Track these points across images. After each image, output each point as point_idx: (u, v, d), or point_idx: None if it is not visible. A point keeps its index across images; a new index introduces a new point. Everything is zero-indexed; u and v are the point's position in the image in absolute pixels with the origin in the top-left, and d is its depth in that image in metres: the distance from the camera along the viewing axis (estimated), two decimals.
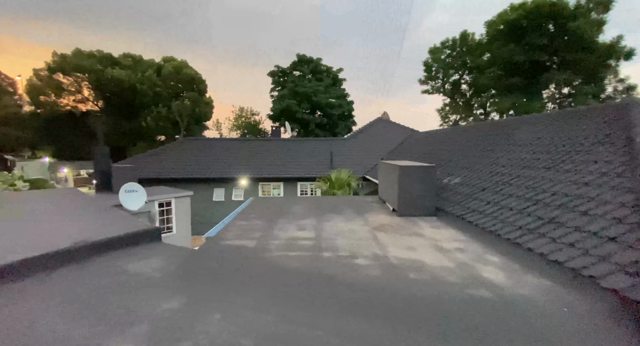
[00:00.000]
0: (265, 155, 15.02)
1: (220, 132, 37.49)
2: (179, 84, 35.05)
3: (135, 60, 34.67)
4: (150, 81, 32.75)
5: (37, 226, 4.18)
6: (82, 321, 2.06)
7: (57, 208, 5.51)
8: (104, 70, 32.11)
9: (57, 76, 32.69)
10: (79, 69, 32.07)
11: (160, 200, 8.60)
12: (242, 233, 4.12)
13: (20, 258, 2.86)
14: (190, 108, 34.10)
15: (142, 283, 2.71)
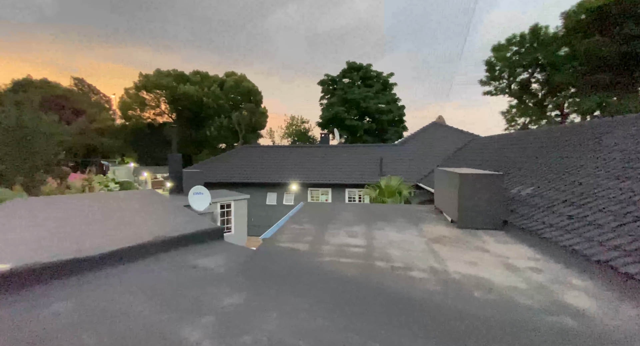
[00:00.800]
0: (314, 161, 15.41)
1: (273, 139, 39.71)
2: (238, 97, 38.30)
3: (202, 76, 38.96)
4: (214, 95, 36.42)
5: (126, 221, 4.89)
6: (159, 307, 2.34)
7: (140, 207, 6.39)
8: (177, 86, 36.79)
9: (141, 93, 38.50)
10: (158, 86, 37.27)
11: (221, 202, 9.42)
12: (295, 237, 4.26)
13: (115, 248, 3.38)
14: (247, 118, 36.89)
15: (208, 278, 2.97)
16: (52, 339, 1.91)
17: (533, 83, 27.91)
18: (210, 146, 38.61)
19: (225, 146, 39.45)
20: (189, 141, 38.08)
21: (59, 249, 3.21)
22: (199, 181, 10.20)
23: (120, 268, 3.22)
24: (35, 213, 5.22)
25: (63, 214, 5.17)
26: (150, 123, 40.44)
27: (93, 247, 3.32)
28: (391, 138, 32.69)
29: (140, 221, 4.98)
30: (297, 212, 6.13)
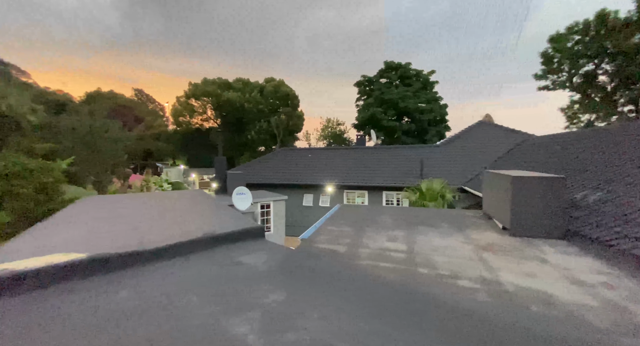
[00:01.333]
0: (350, 163, 15.32)
1: (309, 142, 40.43)
2: (277, 101, 39.71)
3: (244, 83, 41.11)
4: (255, 100, 38.20)
5: (179, 218, 5.32)
6: (208, 300, 2.49)
7: (190, 205, 6.90)
8: (221, 93, 39.29)
9: (190, 101, 41.80)
10: (205, 94, 40.15)
11: (261, 202, 9.81)
12: (333, 238, 4.26)
13: (170, 243, 3.68)
14: (285, 122, 38.03)
15: (252, 274, 3.10)
16: (118, 323, 2.14)
17: (600, 75, 24.64)
18: (251, 149, 40.51)
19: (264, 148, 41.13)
20: (232, 144, 40.39)
21: (123, 242, 3.60)
22: (241, 182, 10.73)
23: (174, 261, 3.50)
24: (103, 209, 5.93)
25: (126, 211, 5.79)
26: (198, 128, 43.73)
27: (151, 242, 3.65)
28: (432, 139, 31.21)
29: (191, 219, 5.38)
30: (334, 214, 6.14)
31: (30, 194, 9.08)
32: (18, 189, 8.91)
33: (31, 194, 9.11)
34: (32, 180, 9.35)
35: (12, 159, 9.31)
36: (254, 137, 37.89)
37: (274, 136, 37.99)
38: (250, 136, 38.20)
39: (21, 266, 2.79)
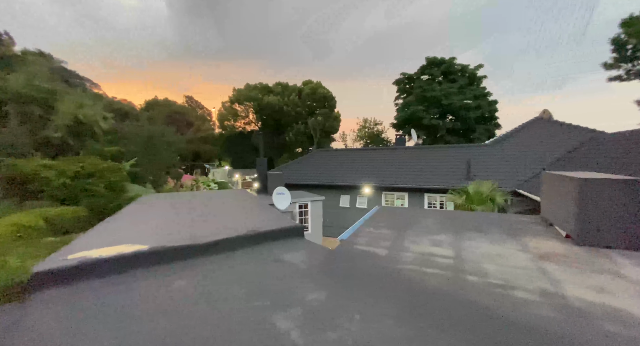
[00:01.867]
0: (389, 164, 14.90)
1: (345, 143, 40.29)
2: (314, 103, 40.29)
3: (283, 86, 42.43)
4: (293, 103, 39.20)
5: (225, 216, 5.65)
6: (253, 294, 2.60)
7: (236, 204, 7.30)
8: (262, 97, 41.03)
9: (234, 106, 44.34)
10: (247, 98, 42.27)
11: (300, 202, 10.03)
12: (372, 240, 4.19)
13: (218, 238, 3.93)
14: (322, 123, 38.39)
15: (293, 272, 3.18)
16: (176, 309, 2.35)
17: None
18: (289, 150, 41.66)
19: (301, 150, 42.01)
20: (271, 145, 41.97)
21: (178, 236, 3.94)
22: (280, 182, 11.07)
23: (222, 255, 3.74)
24: (160, 206, 6.55)
25: (179, 208, 6.33)
26: (241, 131, 46.23)
27: (201, 236, 3.94)
28: (480, 138, 29.06)
29: (236, 216, 5.70)
30: (373, 216, 6.02)
31: (101, 191, 10.38)
32: (92, 187, 10.25)
33: (102, 192, 10.42)
34: (103, 179, 10.70)
35: (89, 161, 10.74)
36: (291, 139, 38.91)
37: (311, 137, 38.59)
38: (288, 138, 39.30)
39: (96, 254, 3.21)
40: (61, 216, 8.26)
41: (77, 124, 13.04)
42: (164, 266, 3.33)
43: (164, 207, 6.39)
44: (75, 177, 10.13)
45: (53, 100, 13.01)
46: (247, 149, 43.77)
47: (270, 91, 41.96)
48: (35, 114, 12.68)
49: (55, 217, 7.99)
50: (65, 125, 12.70)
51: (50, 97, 12.99)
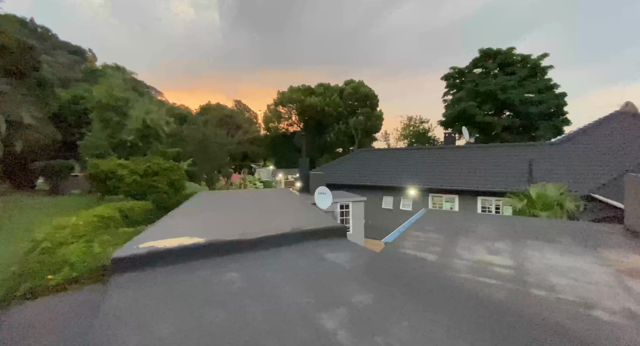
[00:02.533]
0: (437, 164, 14.06)
1: (388, 142, 39.15)
2: (356, 103, 39.91)
3: (325, 87, 42.83)
4: (335, 103, 39.33)
5: (271, 213, 5.88)
6: (299, 290, 2.66)
7: (280, 202, 7.56)
8: (304, 99, 41.93)
9: (278, 108, 46.05)
10: (291, 100, 43.57)
11: (341, 202, 10.02)
12: (420, 245, 3.99)
13: (266, 235, 4.10)
14: (363, 123, 37.85)
15: (338, 272, 3.18)
16: (229, 298, 2.51)
17: None
18: (329, 151, 41.90)
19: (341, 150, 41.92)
20: (312, 146, 42.70)
21: (229, 231, 4.21)
22: (322, 182, 11.18)
23: (270, 251, 3.90)
24: (214, 202, 7.07)
25: (230, 205, 6.77)
26: (285, 132, 47.86)
27: (250, 233, 4.16)
28: (544, 135, 25.88)
29: (281, 214, 5.90)
30: (420, 219, 5.74)
31: (164, 188, 11.60)
32: (157, 184, 11.50)
33: (165, 188, 11.63)
34: (165, 177, 11.94)
35: (154, 160, 12.08)
36: (332, 139, 39.08)
37: (352, 137, 38.28)
38: (330, 138, 39.53)
39: (162, 245, 3.58)
40: (133, 209, 9.43)
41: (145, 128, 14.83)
42: (218, 258, 3.58)
43: (216, 204, 6.89)
44: (143, 175, 11.49)
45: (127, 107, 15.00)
46: (290, 149, 45.12)
47: (312, 92, 42.68)
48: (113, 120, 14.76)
49: (128, 210, 9.14)
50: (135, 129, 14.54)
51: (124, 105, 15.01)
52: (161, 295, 2.61)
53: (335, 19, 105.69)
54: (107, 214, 8.03)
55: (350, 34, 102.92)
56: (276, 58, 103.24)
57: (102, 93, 14.72)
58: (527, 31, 77.63)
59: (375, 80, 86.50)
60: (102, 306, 2.39)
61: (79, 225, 6.64)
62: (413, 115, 36.71)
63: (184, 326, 2.09)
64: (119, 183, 10.93)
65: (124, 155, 14.39)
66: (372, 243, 11.82)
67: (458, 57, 76.98)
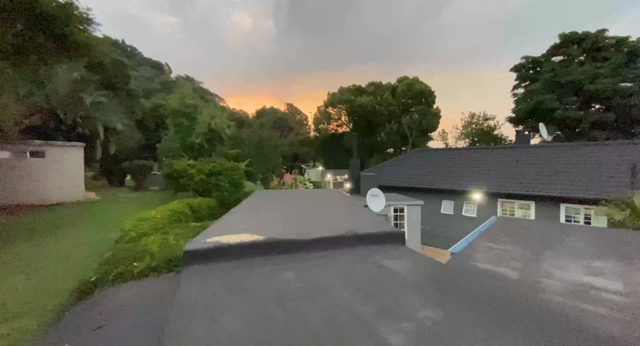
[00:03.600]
0: (507, 166, 12.47)
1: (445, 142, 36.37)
2: (409, 100, 38.04)
3: (376, 86, 41.82)
4: (386, 102, 38.10)
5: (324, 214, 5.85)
6: (357, 297, 2.50)
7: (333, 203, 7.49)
8: (354, 99, 41.52)
9: (328, 109, 46.48)
10: (341, 101, 43.60)
11: (395, 206, 9.55)
12: (495, 258, 3.50)
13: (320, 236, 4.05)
14: (418, 121, 35.87)
15: (399, 282, 2.94)
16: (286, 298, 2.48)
17: None
18: (380, 151, 40.69)
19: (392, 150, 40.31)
20: (362, 147, 42.03)
21: (286, 231, 4.26)
22: (373, 184, 10.83)
23: (325, 253, 3.82)
24: (269, 201, 7.34)
25: (284, 204, 6.95)
26: (334, 133, 48.12)
27: (305, 232, 4.15)
28: None
29: (334, 215, 5.83)
30: (491, 228, 5.09)
31: (226, 186, 12.55)
32: (220, 182, 12.50)
33: (227, 187, 12.58)
34: (227, 177, 12.92)
35: (217, 161, 13.18)
36: (383, 139, 37.86)
37: (405, 136, 36.52)
38: (380, 138, 38.38)
39: (225, 240, 3.78)
40: (199, 205, 10.40)
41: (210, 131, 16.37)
42: (275, 256, 3.63)
43: (272, 202, 7.15)
44: (208, 174, 12.63)
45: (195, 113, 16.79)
46: (339, 150, 45.12)
47: (362, 92, 42.02)
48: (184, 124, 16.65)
49: (196, 206, 10.10)
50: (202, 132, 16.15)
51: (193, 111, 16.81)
52: (226, 289, 2.71)
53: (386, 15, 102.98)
54: (179, 209, 8.97)
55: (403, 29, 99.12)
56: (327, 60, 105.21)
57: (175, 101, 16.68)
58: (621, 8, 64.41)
59: (432, 76, 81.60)
60: (177, 296, 2.56)
61: (157, 218, 7.52)
62: (476, 111, 33.20)
63: (250, 323, 2.12)
64: (188, 181, 12.22)
65: (193, 156, 16.05)
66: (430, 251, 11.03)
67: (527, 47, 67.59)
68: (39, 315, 3.38)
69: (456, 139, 34.51)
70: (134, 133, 18.01)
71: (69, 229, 8.88)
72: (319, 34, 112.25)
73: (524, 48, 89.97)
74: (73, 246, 7.32)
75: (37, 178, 11.06)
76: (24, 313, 3.36)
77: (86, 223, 9.60)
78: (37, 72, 8.93)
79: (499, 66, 60.71)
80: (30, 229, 8.48)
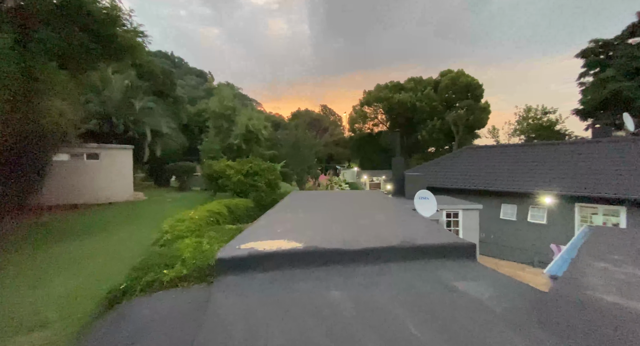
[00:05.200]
0: (585, 164, 10.49)
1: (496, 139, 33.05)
2: (454, 95, 35.35)
3: (416, 81, 39.70)
4: (428, 97, 35.87)
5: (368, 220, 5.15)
6: (432, 334, 1.84)
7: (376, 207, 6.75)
8: (392, 96, 39.82)
9: (364, 108, 45.27)
10: (378, 99, 42.17)
11: (448, 210, 8.47)
12: (622, 287, 2.52)
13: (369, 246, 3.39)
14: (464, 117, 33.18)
15: (484, 314, 2.17)
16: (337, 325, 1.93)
17: None
18: (419, 151, 38.44)
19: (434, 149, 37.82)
20: (401, 146, 40.11)
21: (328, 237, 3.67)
22: (420, 185, 9.82)
23: (375, 267, 3.17)
24: (307, 203, 6.80)
25: (322, 205, 6.37)
26: (370, 133, 46.75)
27: (351, 241, 3.52)
28: None
29: (382, 221, 5.09)
30: (590, 242, 3.96)
31: (262, 187, 12.40)
32: (257, 183, 12.39)
33: (263, 187, 12.44)
34: (263, 177, 12.79)
35: (255, 161, 13.12)
36: (425, 138, 35.56)
37: (449, 134, 33.92)
38: (421, 136, 36.15)
39: (261, 247, 3.29)
40: (237, 205, 10.30)
41: (248, 133, 16.56)
42: (318, 269, 3.08)
43: (309, 204, 6.62)
44: (246, 175, 12.63)
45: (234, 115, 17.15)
46: (375, 150, 43.65)
47: (401, 88, 40.12)
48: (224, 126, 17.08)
49: (234, 206, 10.00)
50: (240, 134, 16.38)
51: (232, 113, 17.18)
52: (263, 305, 2.30)
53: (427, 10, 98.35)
54: (217, 210, 8.87)
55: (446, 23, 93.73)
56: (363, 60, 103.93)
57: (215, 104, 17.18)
58: None
59: (479, 69, 75.62)
60: (208, 310, 2.24)
61: (195, 219, 7.42)
62: (532, 105, 29.13)
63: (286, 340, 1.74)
64: (227, 182, 12.32)
65: (231, 157, 16.34)
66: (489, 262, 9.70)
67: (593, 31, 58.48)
68: (71, 324, 3.21)
69: (509, 135, 30.99)
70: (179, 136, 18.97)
71: (118, 227, 9.29)
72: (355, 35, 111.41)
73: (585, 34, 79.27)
74: (120, 244, 7.54)
75: (92, 179, 11.92)
76: (55, 321, 3.23)
77: (134, 222, 10.01)
78: (85, 74, 9.49)
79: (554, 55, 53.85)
80: (83, 227, 9.02)
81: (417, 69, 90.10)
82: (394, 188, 11.37)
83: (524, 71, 69.07)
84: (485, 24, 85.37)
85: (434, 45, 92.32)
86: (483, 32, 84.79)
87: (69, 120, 9.65)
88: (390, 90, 40.64)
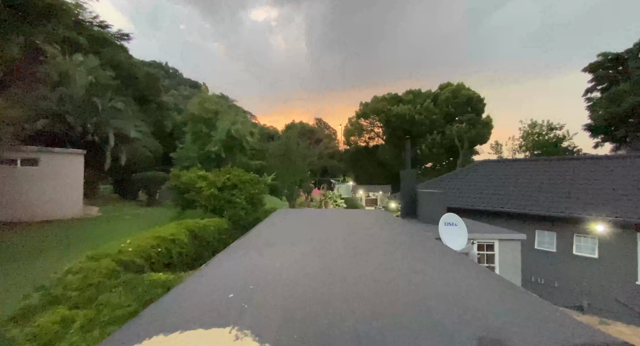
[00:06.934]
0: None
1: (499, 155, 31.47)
2: (454, 109, 34.08)
3: (415, 94, 38.55)
4: (427, 110, 34.52)
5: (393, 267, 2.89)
6: None
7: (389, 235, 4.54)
8: (390, 108, 38.46)
9: (360, 121, 43.82)
10: (375, 111, 40.80)
11: (481, 240, 6.37)
12: None
13: None
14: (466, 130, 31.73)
15: None
16: None
17: None
18: (418, 165, 36.74)
19: (432, 164, 36.17)
20: (398, 161, 38.37)
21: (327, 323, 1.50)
22: (438, 205, 7.75)
23: None
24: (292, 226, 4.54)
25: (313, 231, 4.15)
26: (366, 146, 45.11)
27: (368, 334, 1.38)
28: None
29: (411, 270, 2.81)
30: None
31: (242, 203, 10.13)
32: (235, 198, 10.13)
33: (243, 204, 10.17)
34: (244, 191, 10.54)
35: (234, 172, 10.90)
36: (424, 152, 33.92)
37: (450, 149, 32.34)
38: (420, 151, 34.52)
39: None
40: (205, 228, 7.97)
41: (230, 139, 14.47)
42: None
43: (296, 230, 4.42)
44: (221, 188, 10.41)
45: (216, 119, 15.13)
46: (372, 164, 41.86)
47: (399, 101, 38.85)
48: (203, 131, 14.99)
49: (199, 229, 7.67)
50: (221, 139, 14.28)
51: (214, 117, 15.16)
52: None
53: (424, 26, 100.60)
54: (171, 236, 6.56)
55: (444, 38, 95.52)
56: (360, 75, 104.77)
57: (194, 106, 15.12)
58: None
59: (479, 84, 76.00)
60: None
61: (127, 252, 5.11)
62: (538, 120, 27.33)
63: None
64: (196, 196, 10.08)
65: (211, 167, 14.08)
66: None
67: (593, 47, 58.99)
68: None
69: (513, 151, 29.38)
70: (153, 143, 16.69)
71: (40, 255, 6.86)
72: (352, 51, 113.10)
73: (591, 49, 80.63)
74: (25, 281, 5.15)
75: (26, 191, 9.49)
76: None
77: (64, 248, 7.58)
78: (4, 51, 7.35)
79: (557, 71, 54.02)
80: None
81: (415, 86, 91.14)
82: (403, 208, 9.21)
83: (526, 87, 69.46)
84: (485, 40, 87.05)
85: (432, 61, 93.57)
86: (481, 47, 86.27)
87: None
88: (389, 102, 39.35)
